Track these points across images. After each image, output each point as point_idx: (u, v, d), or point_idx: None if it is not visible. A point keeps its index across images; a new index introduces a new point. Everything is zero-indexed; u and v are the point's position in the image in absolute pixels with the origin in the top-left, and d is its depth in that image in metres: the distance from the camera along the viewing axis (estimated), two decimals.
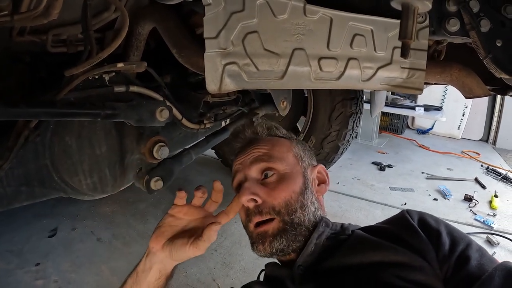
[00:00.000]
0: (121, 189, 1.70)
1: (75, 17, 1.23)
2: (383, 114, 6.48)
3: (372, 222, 1.13)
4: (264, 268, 1.19)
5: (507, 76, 1.12)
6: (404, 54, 0.83)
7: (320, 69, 1.11)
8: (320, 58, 1.10)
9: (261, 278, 1.18)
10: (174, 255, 0.95)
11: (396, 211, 1.09)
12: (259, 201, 1.03)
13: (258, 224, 1.04)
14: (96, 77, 1.37)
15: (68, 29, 1.32)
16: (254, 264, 2.68)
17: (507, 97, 6.10)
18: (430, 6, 0.78)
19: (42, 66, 1.43)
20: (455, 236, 0.93)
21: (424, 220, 0.99)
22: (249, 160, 1.12)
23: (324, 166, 1.24)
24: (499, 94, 1.64)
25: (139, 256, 1.02)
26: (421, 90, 1.24)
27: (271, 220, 1.02)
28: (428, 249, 0.91)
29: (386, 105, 5.86)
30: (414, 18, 0.78)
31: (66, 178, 1.48)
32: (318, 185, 1.19)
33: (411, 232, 0.96)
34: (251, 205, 1.03)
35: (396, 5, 0.79)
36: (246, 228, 1.10)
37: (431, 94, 6.43)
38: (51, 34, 1.29)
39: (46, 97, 1.25)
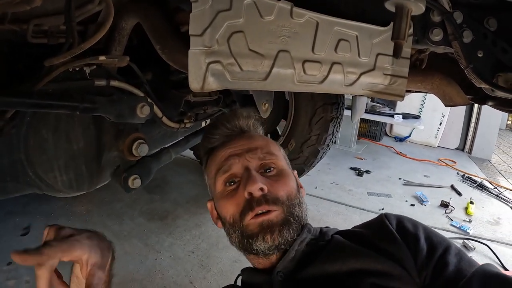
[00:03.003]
0: (97, 187, 1.66)
1: (58, 7, 1.19)
2: (362, 120, 6.57)
3: (350, 226, 1.13)
4: (240, 273, 1.16)
5: (487, 86, 1.14)
6: (396, 54, 0.84)
7: (304, 72, 1.11)
8: (304, 61, 1.10)
9: (238, 283, 1.15)
10: None
11: (373, 216, 1.09)
12: (265, 190, 0.99)
13: (258, 215, 0.97)
14: (77, 69, 1.33)
15: (50, 20, 1.27)
16: (232, 267, 2.67)
17: (483, 108, 6.24)
18: (423, 8, 0.78)
19: (22, 57, 1.39)
20: (433, 241, 0.93)
21: (402, 225, 0.98)
22: (249, 152, 1.07)
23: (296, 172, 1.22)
24: (478, 104, 1.66)
25: (116, 258, 0.98)
26: (402, 97, 1.25)
27: (274, 211, 0.98)
28: (406, 257, 0.90)
29: (366, 112, 5.93)
30: (407, 19, 0.79)
31: (41, 173, 1.43)
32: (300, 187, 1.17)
33: (389, 239, 0.95)
34: (259, 194, 0.98)
35: (390, 6, 0.79)
36: (237, 222, 1.00)
37: (410, 102, 6.55)
38: (32, 23, 1.25)
39: (24, 87, 1.21)
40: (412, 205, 4.05)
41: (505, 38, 1.12)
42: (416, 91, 1.79)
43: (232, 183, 1.05)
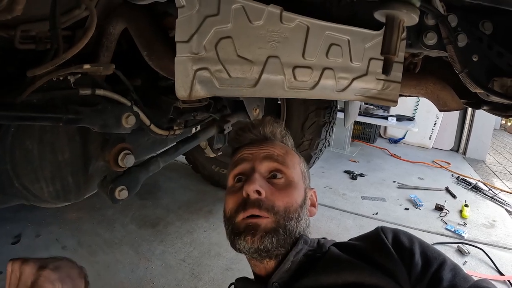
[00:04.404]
0: (85, 197, 1.63)
1: (45, 13, 1.17)
2: (356, 123, 6.59)
3: (344, 232, 1.11)
4: (233, 282, 1.15)
5: (482, 91, 1.11)
6: (386, 70, 0.77)
7: (294, 78, 1.09)
8: (294, 67, 1.08)
9: None
10: None
11: (367, 221, 1.07)
12: (263, 195, 0.99)
13: (250, 217, 0.99)
14: (61, 78, 1.30)
15: (37, 25, 1.25)
16: (224, 275, 2.63)
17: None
18: (417, 19, 0.73)
19: (10, 63, 1.36)
20: (428, 256, 0.92)
21: (398, 239, 0.97)
22: (263, 155, 1.09)
23: (316, 191, 1.23)
24: (473, 108, 1.64)
25: (105, 265, 0.95)
26: (395, 102, 1.23)
27: (264, 218, 0.98)
28: (401, 272, 0.89)
29: (359, 114, 5.94)
30: (398, 32, 0.72)
31: (27, 184, 1.41)
32: (310, 206, 1.17)
33: (385, 253, 0.94)
34: (255, 196, 0.99)
35: (379, 16, 0.74)
36: (232, 219, 1.03)
37: (404, 104, 6.57)
38: (20, 30, 1.22)
39: (7, 98, 1.18)
40: (406, 208, 4.03)
41: (501, 42, 1.10)
42: (409, 96, 1.77)
43: (240, 181, 1.07)
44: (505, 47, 1.10)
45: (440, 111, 1.53)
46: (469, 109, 6.59)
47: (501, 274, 2.91)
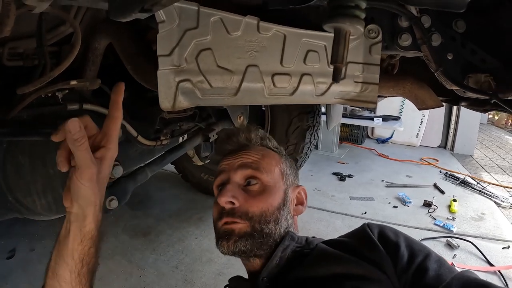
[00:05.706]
0: None
1: (32, 30, 1.19)
2: (343, 125, 6.62)
3: (333, 233, 1.15)
4: (228, 283, 1.18)
5: (458, 88, 1.15)
6: (335, 78, 0.80)
7: (274, 85, 1.12)
8: (273, 74, 1.11)
9: None
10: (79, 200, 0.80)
11: (356, 221, 1.11)
12: (237, 204, 1.04)
13: (226, 223, 1.04)
14: (49, 94, 1.33)
15: (24, 42, 1.27)
16: (216, 280, 2.65)
17: None
18: (362, 30, 0.77)
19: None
20: (413, 248, 0.95)
21: (383, 234, 1.00)
22: (237, 164, 1.12)
23: (305, 188, 1.25)
24: (452, 105, 1.68)
25: (99, 276, 0.95)
26: (374, 103, 1.26)
27: (239, 223, 1.03)
28: (386, 263, 0.92)
29: (345, 116, 5.99)
30: (345, 42, 0.76)
31: (20, 198, 1.43)
32: (296, 205, 1.20)
33: (371, 246, 0.97)
34: (228, 206, 1.04)
35: (328, 28, 0.78)
36: (215, 224, 1.09)
37: (390, 104, 6.61)
38: (8, 47, 1.24)
39: None
40: (395, 206, 4.07)
41: (473, 39, 1.13)
42: (389, 96, 1.80)
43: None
44: (478, 44, 1.14)
45: (419, 109, 1.57)
46: (455, 106, 6.67)
47: (491, 265, 2.96)
